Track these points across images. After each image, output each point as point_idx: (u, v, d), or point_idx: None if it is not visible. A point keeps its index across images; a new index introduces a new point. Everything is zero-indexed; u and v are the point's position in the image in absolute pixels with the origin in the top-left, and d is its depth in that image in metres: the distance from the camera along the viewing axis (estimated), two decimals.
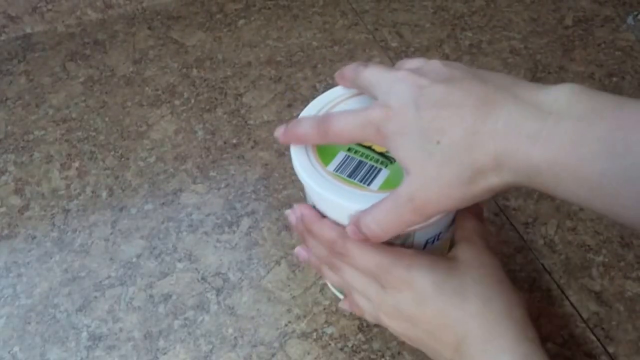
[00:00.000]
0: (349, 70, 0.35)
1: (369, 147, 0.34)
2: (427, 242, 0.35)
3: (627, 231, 0.46)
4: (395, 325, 0.33)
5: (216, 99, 0.60)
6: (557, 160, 0.24)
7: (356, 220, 0.31)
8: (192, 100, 0.60)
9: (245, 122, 0.57)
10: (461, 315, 0.30)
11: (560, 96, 0.25)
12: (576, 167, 0.24)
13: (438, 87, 0.28)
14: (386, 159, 0.34)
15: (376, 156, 0.34)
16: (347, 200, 0.31)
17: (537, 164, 0.25)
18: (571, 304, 0.41)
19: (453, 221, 0.36)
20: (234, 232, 0.47)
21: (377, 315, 0.34)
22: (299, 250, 0.38)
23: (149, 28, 0.70)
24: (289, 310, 0.42)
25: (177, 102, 0.60)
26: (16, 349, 0.41)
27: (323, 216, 0.34)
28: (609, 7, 0.69)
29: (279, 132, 0.34)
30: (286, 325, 0.41)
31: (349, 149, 0.34)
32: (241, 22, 0.70)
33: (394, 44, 0.65)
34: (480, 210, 0.37)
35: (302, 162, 0.34)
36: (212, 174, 0.52)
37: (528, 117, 0.25)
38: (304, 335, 0.40)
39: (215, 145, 0.55)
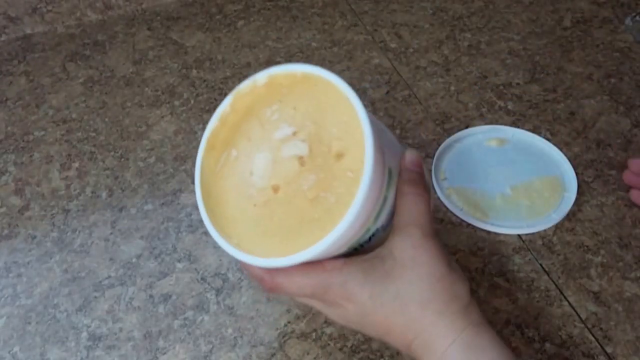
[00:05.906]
0: None
1: None
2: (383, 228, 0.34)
3: (625, 232, 0.46)
4: (351, 328, 0.34)
5: (216, 99, 0.60)
6: None
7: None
8: (192, 101, 0.60)
9: None
10: (404, 321, 0.30)
11: None
12: None
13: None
14: None
15: None
16: None
17: None
18: (569, 304, 0.42)
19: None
20: None
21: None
22: None
23: (149, 29, 0.71)
24: (288, 311, 0.42)
25: (176, 103, 0.60)
26: (16, 349, 0.41)
27: None
28: (607, 8, 0.70)
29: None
30: (285, 325, 0.41)
31: None
32: (240, 22, 0.71)
33: (393, 45, 0.66)
34: (418, 179, 0.33)
35: None
36: None
37: None
38: (304, 336, 0.40)
39: None
